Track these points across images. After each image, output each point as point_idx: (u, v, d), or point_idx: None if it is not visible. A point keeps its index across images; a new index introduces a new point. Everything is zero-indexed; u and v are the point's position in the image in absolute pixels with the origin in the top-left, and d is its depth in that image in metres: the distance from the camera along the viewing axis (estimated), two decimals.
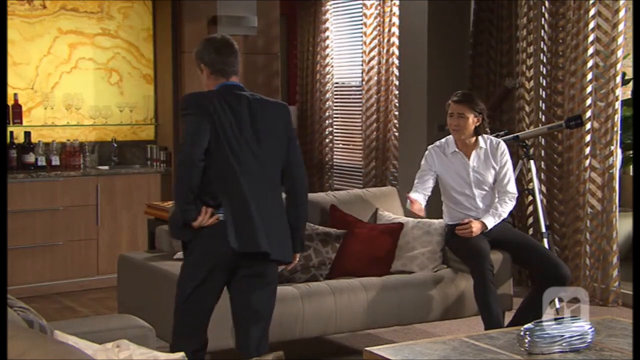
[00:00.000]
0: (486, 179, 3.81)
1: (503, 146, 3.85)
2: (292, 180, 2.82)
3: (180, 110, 2.73)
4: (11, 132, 5.22)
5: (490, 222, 3.74)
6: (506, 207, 3.79)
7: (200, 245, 2.70)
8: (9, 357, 1.43)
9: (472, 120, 3.73)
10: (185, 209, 2.65)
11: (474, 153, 3.80)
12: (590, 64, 4.71)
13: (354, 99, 6.62)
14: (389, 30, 6.03)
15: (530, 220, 5.05)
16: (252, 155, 2.70)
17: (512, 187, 3.83)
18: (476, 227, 3.69)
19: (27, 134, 5.25)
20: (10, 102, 5.24)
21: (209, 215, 2.64)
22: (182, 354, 1.84)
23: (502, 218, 3.77)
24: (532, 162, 4.55)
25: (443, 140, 3.87)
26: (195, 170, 2.60)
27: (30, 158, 5.21)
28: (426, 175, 3.82)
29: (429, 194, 3.82)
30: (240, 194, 2.66)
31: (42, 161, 5.24)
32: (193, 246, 2.73)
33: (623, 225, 4.90)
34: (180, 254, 3.58)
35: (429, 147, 3.90)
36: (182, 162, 2.63)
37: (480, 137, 3.80)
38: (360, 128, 6.45)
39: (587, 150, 4.76)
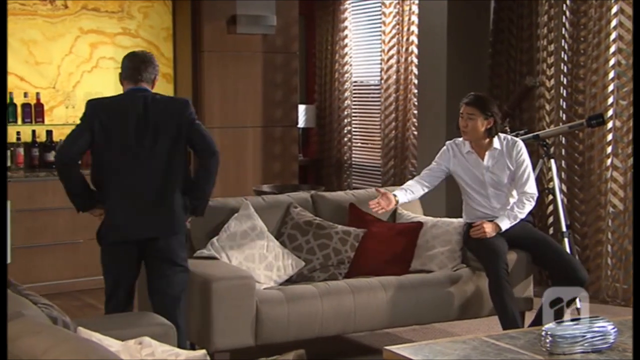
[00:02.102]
0: (501, 180, 3.79)
1: (520, 145, 3.80)
2: (203, 155, 3.19)
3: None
4: (33, 131, 5.28)
5: (505, 224, 3.71)
6: (524, 208, 3.75)
7: None
8: (35, 352, 1.45)
9: (480, 122, 3.71)
10: (75, 202, 3.17)
11: (487, 154, 3.78)
12: (612, 62, 4.66)
13: (372, 97, 6.61)
14: (408, 29, 6.01)
15: (551, 219, 5.01)
16: (142, 146, 3.08)
17: (530, 187, 3.78)
18: (489, 228, 3.67)
19: (49, 133, 5.30)
20: (32, 101, 5.30)
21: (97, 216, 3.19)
22: (204, 351, 1.85)
23: (518, 219, 3.73)
24: (552, 161, 4.51)
25: (460, 139, 3.86)
26: (66, 168, 3.08)
27: (52, 157, 5.27)
28: (435, 172, 3.82)
29: (424, 190, 3.81)
30: (124, 185, 3.09)
31: None
32: None
33: None
34: (199, 252, 3.60)
35: (448, 142, 3.89)
36: (56, 162, 3.19)
37: (495, 138, 3.78)
38: (379, 127, 6.44)
39: (609, 149, 4.72)
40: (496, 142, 3.79)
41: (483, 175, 3.78)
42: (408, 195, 3.78)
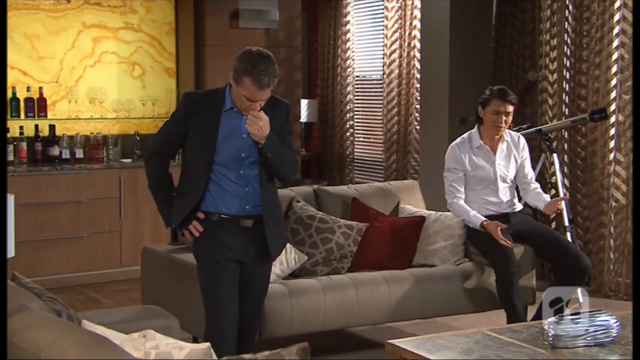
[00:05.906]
0: (510, 172, 3.81)
1: (523, 140, 3.88)
2: None
3: None
4: (36, 126, 5.28)
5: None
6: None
7: None
8: (40, 345, 1.46)
9: (512, 117, 3.76)
10: None
11: (499, 147, 3.79)
12: (615, 56, 4.66)
13: (375, 92, 6.61)
14: (411, 24, 6.00)
15: (554, 214, 5.01)
16: None
17: (534, 180, 3.87)
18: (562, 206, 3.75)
19: (52, 128, 5.31)
20: (35, 95, 5.30)
21: None
22: (208, 344, 1.86)
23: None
24: (555, 155, 4.51)
25: (465, 135, 3.83)
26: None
27: (55, 151, 5.28)
28: (461, 180, 3.77)
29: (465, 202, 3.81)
30: None
31: (66, 154, 5.30)
32: None
33: None
34: None
35: (453, 145, 3.81)
36: None
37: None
38: (381, 122, 6.44)
39: (612, 143, 4.72)
40: (506, 134, 3.80)
41: (495, 170, 3.78)
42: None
